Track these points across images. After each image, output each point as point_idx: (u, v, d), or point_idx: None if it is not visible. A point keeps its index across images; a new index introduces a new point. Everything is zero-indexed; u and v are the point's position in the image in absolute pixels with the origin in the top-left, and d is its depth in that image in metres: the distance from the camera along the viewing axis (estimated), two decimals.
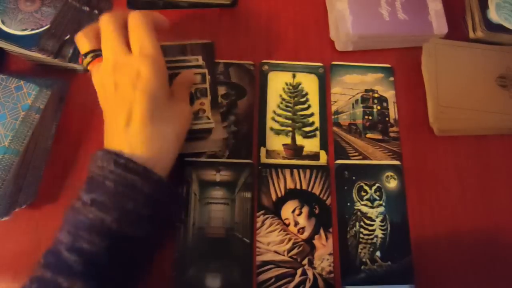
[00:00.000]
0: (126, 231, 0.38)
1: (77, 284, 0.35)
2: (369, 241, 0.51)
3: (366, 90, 0.59)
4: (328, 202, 0.53)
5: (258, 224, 0.51)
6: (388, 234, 0.52)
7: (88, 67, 0.45)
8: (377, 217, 0.52)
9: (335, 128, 0.57)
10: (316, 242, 0.51)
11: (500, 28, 0.59)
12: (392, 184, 0.54)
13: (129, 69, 0.41)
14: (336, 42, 0.61)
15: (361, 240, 0.51)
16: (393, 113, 0.58)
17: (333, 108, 0.58)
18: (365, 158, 0.55)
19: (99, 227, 0.37)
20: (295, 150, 0.55)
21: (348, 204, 0.53)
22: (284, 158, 0.54)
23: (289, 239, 0.51)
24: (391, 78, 0.60)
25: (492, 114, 0.55)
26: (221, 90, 0.57)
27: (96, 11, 0.59)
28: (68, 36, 0.55)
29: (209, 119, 0.55)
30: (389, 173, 0.54)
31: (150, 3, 0.62)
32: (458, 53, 0.58)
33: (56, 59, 0.53)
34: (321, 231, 0.51)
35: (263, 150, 0.55)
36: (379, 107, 0.58)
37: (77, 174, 0.53)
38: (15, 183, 0.47)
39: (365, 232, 0.52)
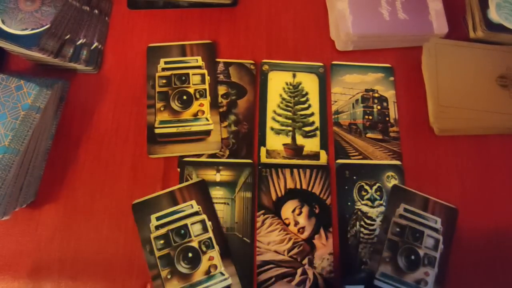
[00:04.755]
0: None
1: None
2: (370, 240, 0.51)
3: (366, 90, 0.59)
4: (328, 201, 0.52)
5: (258, 224, 0.51)
6: None
7: None
8: (377, 216, 0.52)
9: (335, 128, 0.57)
10: (316, 241, 0.51)
11: (501, 28, 0.59)
12: (393, 184, 0.54)
13: None
14: (336, 42, 0.61)
15: (361, 239, 0.51)
16: (393, 112, 0.58)
17: (333, 107, 0.58)
18: (365, 158, 0.55)
19: None
20: (295, 150, 0.55)
21: (349, 203, 0.53)
22: (284, 157, 0.54)
23: (289, 239, 0.51)
24: (391, 78, 0.60)
25: (492, 114, 0.55)
26: (221, 89, 0.57)
27: (96, 11, 0.59)
28: (68, 36, 0.55)
29: (208, 120, 0.55)
30: (390, 173, 0.54)
31: (150, 3, 0.62)
32: (458, 52, 0.58)
33: (56, 59, 0.53)
34: (321, 231, 0.51)
35: (263, 150, 0.55)
36: (379, 107, 0.58)
37: (77, 174, 0.53)
38: (15, 183, 0.47)
39: (366, 231, 0.52)
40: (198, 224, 0.50)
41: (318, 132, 0.56)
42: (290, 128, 0.56)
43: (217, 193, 0.52)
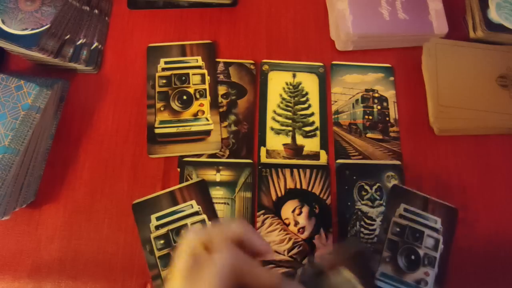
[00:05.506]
0: None
1: None
2: (370, 240, 0.51)
3: (366, 90, 0.59)
4: (328, 201, 0.52)
5: (258, 224, 0.51)
6: None
7: None
8: (377, 216, 0.52)
9: (335, 128, 0.57)
10: (316, 241, 0.51)
11: (501, 28, 0.59)
12: (393, 184, 0.54)
13: None
14: (336, 42, 0.61)
15: (361, 239, 0.51)
16: (393, 112, 0.58)
17: (334, 107, 0.58)
18: (365, 157, 0.55)
19: None
20: (295, 150, 0.55)
21: (349, 203, 0.53)
22: (284, 157, 0.54)
23: (289, 239, 0.51)
24: (392, 78, 0.60)
25: (492, 114, 0.55)
26: (221, 89, 0.57)
27: (96, 11, 0.59)
28: (68, 36, 0.55)
29: (208, 120, 0.55)
30: (390, 173, 0.54)
31: (150, 3, 0.62)
32: (458, 52, 0.58)
33: (56, 59, 0.53)
34: (321, 231, 0.51)
35: (263, 150, 0.55)
36: (379, 107, 0.58)
37: (77, 174, 0.53)
38: (15, 183, 0.47)
39: (366, 231, 0.52)
40: (198, 224, 0.50)
41: (318, 132, 0.56)
42: (290, 128, 0.56)
43: (217, 193, 0.52)
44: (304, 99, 0.58)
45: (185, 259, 0.30)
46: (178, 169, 0.53)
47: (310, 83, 0.58)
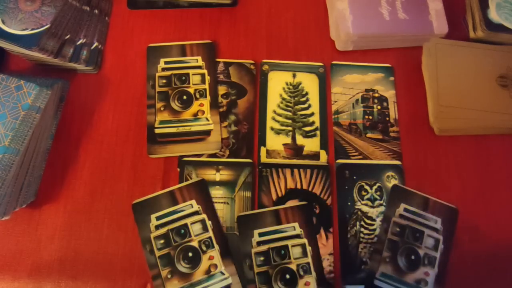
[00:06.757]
0: None
1: None
2: (370, 240, 0.51)
3: (366, 90, 0.59)
4: (328, 201, 0.52)
5: None
6: None
7: None
8: (377, 216, 0.52)
9: (335, 128, 0.57)
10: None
11: (501, 28, 0.59)
12: (393, 183, 0.54)
13: None
14: (336, 42, 0.61)
15: (361, 239, 0.51)
16: (393, 112, 0.58)
17: (334, 107, 0.58)
18: (365, 157, 0.55)
19: None
20: (296, 150, 0.55)
21: (349, 203, 0.53)
22: (284, 157, 0.54)
23: None
24: (392, 78, 0.60)
25: (492, 114, 0.55)
26: (221, 89, 0.57)
27: (96, 11, 0.59)
28: (68, 36, 0.55)
29: (208, 120, 0.55)
30: (390, 173, 0.54)
31: (150, 3, 0.62)
32: (458, 52, 0.58)
33: (57, 59, 0.53)
34: (322, 231, 0.51)
35: (263, 150, 0.55)
36: (379, 107, 0.58)
37: (77, 174, 0.53)
38: (15, 183, 0.47)
39: (366, 231, 0.52)
40: (198, 223, 0.50)
41: (318, 132, 0.56)
42: (290, 128, 0.56)
43: (217, 193, 0.52)
44: (304, 99, 0.58)
45: None
46: (178, 169, 0.53)
47: (310, 83, 0.58)
